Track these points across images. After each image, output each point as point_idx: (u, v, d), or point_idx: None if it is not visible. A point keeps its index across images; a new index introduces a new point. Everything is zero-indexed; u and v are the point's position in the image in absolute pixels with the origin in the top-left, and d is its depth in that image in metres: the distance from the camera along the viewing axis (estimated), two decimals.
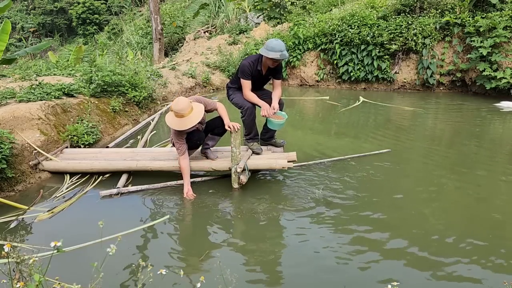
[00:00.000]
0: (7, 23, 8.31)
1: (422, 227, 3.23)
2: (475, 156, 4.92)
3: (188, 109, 3.63)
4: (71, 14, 25.83)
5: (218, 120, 4.09)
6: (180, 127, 3.65)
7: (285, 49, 4.02)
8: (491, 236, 3.05)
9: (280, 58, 3.98)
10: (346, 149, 5.11)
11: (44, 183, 4.29)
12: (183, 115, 3.62)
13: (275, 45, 3.96)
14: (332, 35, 9.96)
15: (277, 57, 3.94)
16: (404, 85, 9.62)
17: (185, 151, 3.88)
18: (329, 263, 2.78)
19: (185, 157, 3.88)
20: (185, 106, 3.60)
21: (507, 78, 7.86)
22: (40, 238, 3.17)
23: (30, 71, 7.65)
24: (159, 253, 2.94)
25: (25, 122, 4.70)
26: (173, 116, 3.67)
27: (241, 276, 2.60)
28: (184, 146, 3.87)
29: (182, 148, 3.86)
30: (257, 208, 3.59)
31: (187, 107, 3.62)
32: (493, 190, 3.89)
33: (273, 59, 3.98)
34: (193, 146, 4.04)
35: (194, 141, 3.98)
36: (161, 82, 8.94)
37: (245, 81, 4.18)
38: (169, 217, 3.45)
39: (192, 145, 4.01)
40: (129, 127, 6.47)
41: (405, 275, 2.62)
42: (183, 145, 3.86)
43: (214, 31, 14.86)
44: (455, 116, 7.03)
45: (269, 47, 3.97)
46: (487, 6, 8.87)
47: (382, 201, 3.67)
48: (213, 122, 4.16)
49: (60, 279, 1.81)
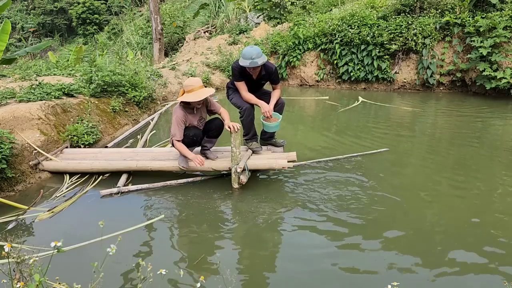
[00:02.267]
0: (7, 23, 8.30)
1: (422, 227, 3.23)
2: (474, 156, 4.92)
3: (199, 85, 3.90)
4: (71, 14, 25.80)
5: (214, 123, 4.16)
6: (193, 98, 3.81)
7: (260, 56, 3.89)
8: (491, 236, 3.05)
9: (250, 66, 3.88)
10: (346, 149, 5.11)
11: (44, 183, 4.29)
12: (193, 88, 3.83)
13: (246, 52, 3.89)
14: (332, 35, 9.96)
15: (246, 65, 3.88)
16: (404, 85, 9.62)
17: (182, 137, 3.95)
18: (329, 264, 2.78)
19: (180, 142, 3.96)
20: (197, 81, 3.92)
21: (507, 78, 7.86)
22: (40, 238, 3.17)
23: (30, 71, 7.65)
24: (159, 253, 2.94)
25: (25, 122, 4.70)
26: (184, 94, 3.88)
27: (241, 276, 2.60)
28: (181, 131, 3.94)
29: (181, 134, 3.93)
30: (257, 208, 3.59)
31: (198, 82, 3.92)
32: (493, 190, 3.89)
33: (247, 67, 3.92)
34: (190, 143, 4.06)
35: (190, 136, 4.00)
36: (161, 82, 8.94)
37: (238, 82, 4.18)
38: (164, 216, 3.46)
39: (189, 141, 4.03)
40: (129, 127, 6.47)
41: (405, 275, 2.62)
42: (181, 131, 3.94)
43: (214, 31, 14.86)
44: (455, 116, 7.03)
45: (242, 53, 3.93)
46: (487, 6, 8.86)
47: (381, 201, 3.67)
48: (209, 125, 4.20)
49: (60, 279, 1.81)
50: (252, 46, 3.95)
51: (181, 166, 4.12)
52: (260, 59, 3.90)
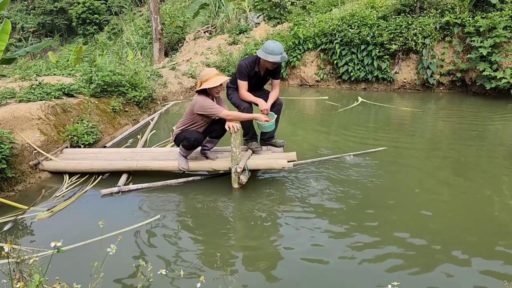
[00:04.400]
0: (7, 23, 8.30)
1: (422, 227, 3.23)
2: (474, 156, 4.92)
3: (215, 72, 3.93)
4: (71, 14, 25.79)
5: (219, 124, 4.12)
6: (212, 84, 3.83)
7: (284, 50, 4.00)
8: (491, 236, 3.05)
9: (281, 61, 3.96)
10: (346, 149, 5.11)
11: (44, 183, 4.29)
12: (210, 77, 3.85)
13: (274, 47, 3.91)
14: (332, 35, 9.96)
15: (277, 60, 3.93)
16: (404, 85, 9.62)
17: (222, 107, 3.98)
18: (329, 264, 2.78)
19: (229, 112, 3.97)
20: (212, 70, 3.95)
21: (507, 78, 7.86)
22: (41, 238, 3.17)
23: (30, 71, 7.65)
24: (159, 253, 2.94)
25: (25, 122, 4.70)
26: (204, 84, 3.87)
27: (241, 276, 2.60)
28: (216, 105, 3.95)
29: (217, 107, 3.93)
30: (257, 208, 3.60)
31: (214, 70, 3.95)
32: (493, 190, 3.88)
33: (273, 62, 3.96)
34: (189, 147, 4.06)
35: (191, 141, 3.99)
36: (161, 82, 8.94)
37: (242, 81, 4.19)
38: (164, 216, 3.46)
39: (189, 145, 4.03)
40: (129, 127, 6.47)
41: (405, 275, 2.62)
42: (215, 105, 3.94)
43: (214, 31, 14.86)
44: (454, 116, 7.03)
45: (268, 50, 3.93)
46: (487, 6, 8.86)
47: (381, 201, 3.68)
48: (213, 125, 4.18)
49: (60, 279, 1.81)
50: (275, 42, 3.99)
51: (181, 166, 4.12)
52: (284, 55, 3.99)
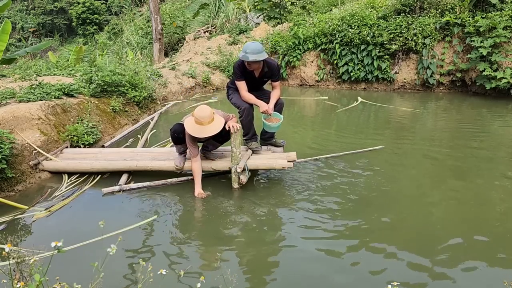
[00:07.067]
0: (7, 23, 8.31)
1: (421, 227, 3.23)
2: (474, 156, 4.91)
3: (209, 119, 3.71)
4: (71, 14, 25.81)
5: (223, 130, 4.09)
6: (197, 134, 3.71)
7: (262, 51, 3.89)
8: (491, 236, 3.05)
9: (256, 59, 3.87)
10: (345, 148, 5.10)
11: (44, 183, 4.29)
12: (203, 123, 3.68)
13: (253, 48, 3.86)
14: (332, 35, 9.96)
15: (254, 59, 3.86)
16: (404, 85, 9.62)
17: (197, 154, 3.93)
18: (329, 264, 2.78)
19: (197, 159, 3.93)
20: (207, 115, 3.69)
21: (507, 78, 7.86)
22: (41, 238, 3.17)
23: (30, 71, 7.65)
24: (159, 253, 2.94)
25: (25, 122, 4.70)
26: (193, 122, 3.73)
27: (241, 276, 2.60)
28: (196, 149, 3.92)
29: (195, 151, 3.90)
30: (257, 208, 3.60)
31: (209, 116, 3.70)
32: (493, 190, 3.89)
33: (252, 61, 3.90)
34: (175, 140, 4.10)
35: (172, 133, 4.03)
36: (161, 82, 8.94)
37: (239, 82, 4.18)
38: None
39: (174, 139, 4.07)
40: (129, 127, 6.47)
41: (405, 275, 2.62)
42: (196, 149, 3.91)
43: (214, 31, 14.85)
44: (454, 116, 7.03)
45: (246, 50, 3.89)
46: (487, 6, 8.86)
47: (381, 201, 3.67)
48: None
49: (60, 279, 1.81)
50: (254, 42, 3.96)
51: (175, 164, 4.12)
52: (262, 54, 3.92)
